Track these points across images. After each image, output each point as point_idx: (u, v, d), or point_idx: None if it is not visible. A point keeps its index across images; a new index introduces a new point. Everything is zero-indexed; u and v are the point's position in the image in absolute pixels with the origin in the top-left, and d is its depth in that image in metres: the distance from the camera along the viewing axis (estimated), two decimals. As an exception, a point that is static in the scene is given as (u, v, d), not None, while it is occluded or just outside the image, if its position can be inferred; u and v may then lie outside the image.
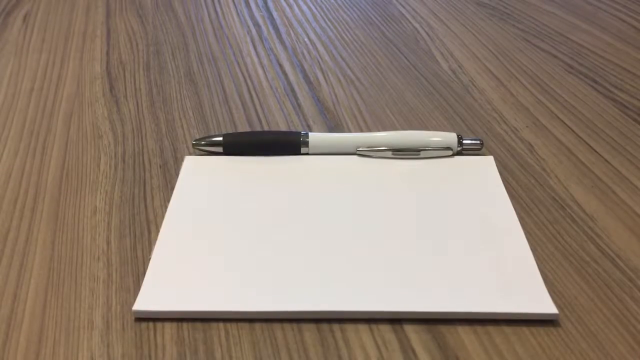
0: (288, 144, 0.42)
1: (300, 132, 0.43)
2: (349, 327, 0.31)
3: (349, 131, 0.46)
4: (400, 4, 0.68)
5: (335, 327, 0.31)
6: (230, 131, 0.46)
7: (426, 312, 0.31)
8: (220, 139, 0.43)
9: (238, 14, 0.67)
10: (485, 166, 0.42)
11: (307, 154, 0.43)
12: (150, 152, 0.44)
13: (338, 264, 0.34)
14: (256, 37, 0.61)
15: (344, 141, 0.43)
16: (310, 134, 0.43)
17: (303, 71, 0.55)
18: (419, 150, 0.42)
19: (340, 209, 0.38)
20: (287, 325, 0.31)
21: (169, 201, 0.38)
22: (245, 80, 0.54)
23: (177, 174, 0.41)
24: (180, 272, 0.33)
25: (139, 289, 0.32)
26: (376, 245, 0.35)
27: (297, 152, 0.43)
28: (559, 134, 0.45)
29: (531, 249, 0.35)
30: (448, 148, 0.42)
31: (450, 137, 0.42)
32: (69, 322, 0.31)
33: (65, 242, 0.36)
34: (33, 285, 0.33)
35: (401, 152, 0.42)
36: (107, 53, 0.59)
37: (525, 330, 0.31)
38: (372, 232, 0.36)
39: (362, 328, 0.31)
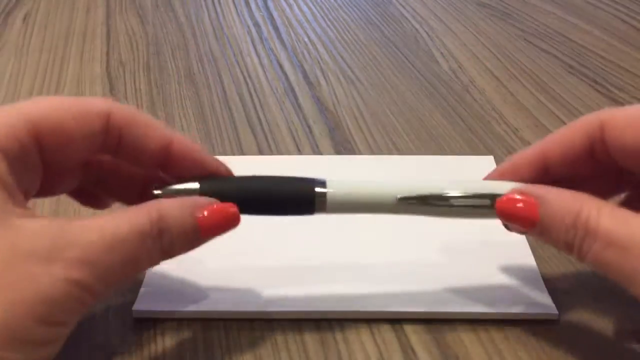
0: (294, 201, 0.30)
1: (313, 181, 0.29)
2: (349, 327, 0.31)
3: (349, 132, 0.46)
4: (400, 4, 0.68)
5: (335, 327, 0.31)
6: (229, 132, 0.46)
7: (426, 312, 0.31)
8: (197, 186, 0.29)
9: (238, 14, 0.67)
10: (485, 166, 0.41)
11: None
12: (150, 152, 0.44)
13: (338, 264, 0.34)
14: (256, 37, 0.61)
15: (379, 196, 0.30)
16: (328, 183, 0.29)
17: (303, 71, 0.55)
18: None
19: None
20: (287, 325, 0.31)
21: (169, 201, 0.38)
22: (245, 80, 0.54)
23: (177, 174, 0.41)
24: (180, 272, 0.33)
25: (139, 289, 0.32)
26: (376, 244, 0.35)
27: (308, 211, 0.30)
28: (559, 134, 0.45)
29: (531, 249, 0.35)
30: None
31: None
32: (69, 322, 0.31)
33: (65, 242, 0.36)
34: (33, 285, 0.33)
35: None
36: (107, 53, 0.59)
37: (525, 330, 0.31)
38: (371, 232, 0.36)
39: (362, 328, 0.31)
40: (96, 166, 0.30)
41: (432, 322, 0.31)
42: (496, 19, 0.64)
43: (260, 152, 0.44)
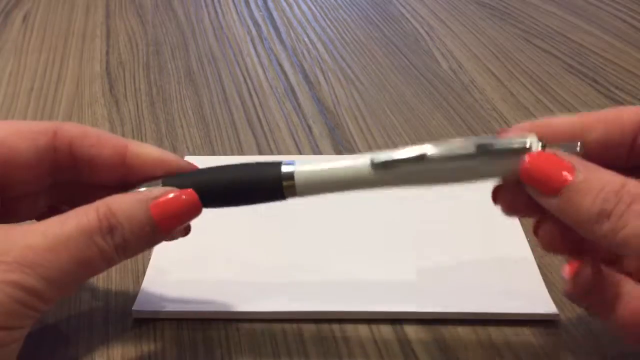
0: (261, 185, 0.28)
1: (278, 165, 0.27)
2: (349, 327, 0.31)
3: (349, 132, 0.46)
4: (400, 4, 0.68)
5: (335, 327, 0.31)
6: (229, 132, 0.46)
7: (426, 312, 0.31)
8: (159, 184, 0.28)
9: (238, 14, 0.67)
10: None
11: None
12: (150, 152, 0.44)
13: (338, 265, 0.34)
14: (256, 37, 0.61)
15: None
16: (296, 170, 0.27)
17: (303, 71, 0.55)
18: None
19: (341, 210, 0.37)
20: (287, 325, 0.31)
21: (168, 201, 0.38)
22: (245, 80, 0.53)
23: (177, 174, 0.41)
24: (180, 272, 0.33)
25: (139, 289, 0.32)
26: (376, 245, 0.35)
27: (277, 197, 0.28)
28: (559, 134, 0.45)
29: (531, 249, 0.35)
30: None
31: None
32: (69, 323, 0.31)
33: (65, 242, 0.36)
34: (33, 286, 0.33)
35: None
36: (107, 53, 0.59)
37: (525, 330, 0.31)
38: (372, 232, 0.36)
39: (362, 328, 0.31)
40: (63, 190, 0.29)
41: (432, 322, 0.31)
42: (496, 19, 0.64)
43: (260, 152, 0.44)
